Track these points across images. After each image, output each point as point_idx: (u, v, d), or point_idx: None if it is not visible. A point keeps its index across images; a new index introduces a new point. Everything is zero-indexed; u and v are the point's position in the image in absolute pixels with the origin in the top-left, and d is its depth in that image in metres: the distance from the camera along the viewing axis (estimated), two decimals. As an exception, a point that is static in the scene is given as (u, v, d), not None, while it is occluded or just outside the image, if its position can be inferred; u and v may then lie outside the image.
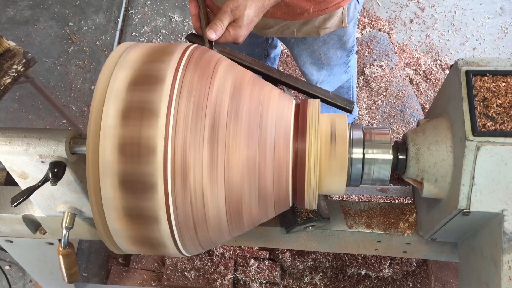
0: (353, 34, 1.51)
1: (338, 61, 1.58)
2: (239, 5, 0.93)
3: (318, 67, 1.57)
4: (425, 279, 1.91)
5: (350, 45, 1.54)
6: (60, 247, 0.95)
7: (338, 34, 1.43)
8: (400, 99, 2.39)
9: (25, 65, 1.82)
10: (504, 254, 0.74)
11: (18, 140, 0.81)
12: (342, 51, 1.54)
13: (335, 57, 1.54)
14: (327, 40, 1.45)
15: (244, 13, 0.94)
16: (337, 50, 1.51)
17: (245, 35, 0.97)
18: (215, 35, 0.92)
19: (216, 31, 0.92)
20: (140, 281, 1.94)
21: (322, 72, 1.60)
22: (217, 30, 0.92)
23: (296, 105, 0.81)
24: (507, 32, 2.63)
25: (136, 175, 0.69)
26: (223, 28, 0.93)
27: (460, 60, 0.82)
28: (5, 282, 1.98)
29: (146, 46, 0.79)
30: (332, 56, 1.53)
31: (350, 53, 1.60)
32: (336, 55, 1.53)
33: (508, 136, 0.74)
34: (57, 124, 2.46)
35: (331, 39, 1.45)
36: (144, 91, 0.70)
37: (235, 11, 0.93)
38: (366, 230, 1.02)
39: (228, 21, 0.94)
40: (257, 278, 1.88)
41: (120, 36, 2.77)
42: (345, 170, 0.78)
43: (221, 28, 0.93)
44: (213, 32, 0.92)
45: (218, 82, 0.74)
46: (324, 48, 1.48)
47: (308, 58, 1.53)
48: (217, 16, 0.93)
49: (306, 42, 1.46)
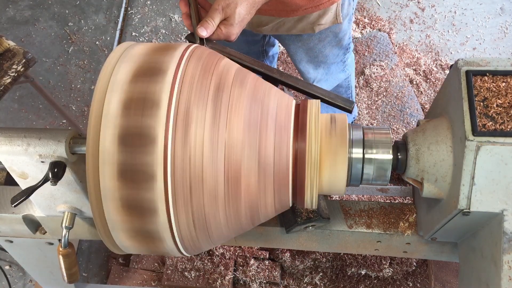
0: (349, 31, 1.52)
1: (335, 59, 1.58)
2: (229, 3, 0.93)
3: (315, 65, 1.57)
4: (425, 279, 1.91)
5: (346, 43, 1.55)
6: (60, 247, 0.95)
7: (334, 31, 1.44)
8: (400, 99, 2.39)
9: (25, 65, 1.82)
10: (504, 254, 0.74)
11: (18, 140, 0.81)
12: (339, 48, 1.54)
13: (332, 55, 1.55)
14: (323, 37, 1.46)
15: (235, 11, 0.94)
16: (333, 47, 1.52)
17: (237, 33, 0.98)
18: (206, 32, 0.93)
19: (207, 28, 0.93)
20: (140, 281, 1.94)
21: (319, 71, 1.60)
22: (208, 27, 0.93)
23: (296, 105, 0.81)
24: (507, 32, 2.63)
25: (136, 165, 0.69)
26: (214, 26, 0.93)
27: (460, 60, 0.82)
28: (5, 282, 1.98)
29: (149, 43, 0.81)
30: (329, 54, 1.54)
31: (347, 51, 1.61)
32: (333, 52, 1.54)
33: (508, 136, 0.74)
34: (57, 124, 2.46)
35: (327, 36, 1.46)
36: (146, 82, 0.71)
37: (226, 9, 0.94)
38: (366, 230, 1.02)
39: (219, 19, 0.94)
40: (257, 278, 1.88)
41: (120, 36, 2.77)
42: (345, 170, 0.78)
43: (212, 26, 0.93)
44: (204, 30, 0.93)
45: (223, 64, 0.76)
46: (320, 46, 1.49)
47: (304, 55, 1.53)
48: (208, 14, 0.94)
49: (302, 39, 1.46)
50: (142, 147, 0.68)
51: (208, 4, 1.03)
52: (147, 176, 0.69)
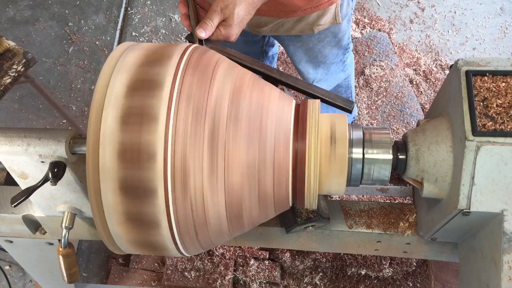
0: (348, 31, 1.52)
1: (334, 59, 1.58)
2: (228, 4, 0.93)
3: (314, 65, 1.57)
4: (425, 279, 1.91)
5: (345, 43, 1.55)
6: (60, 247, 0.95)
7: (333, 31, 1.44)
8: (400, 99, 2.39)
9: (25, 65, 1.82)
10: (504, 254, 0.74)
11: (18, 140, 0.81)
12: (338, 48, 1.54)
13: (331, 55, 1.55)
14: (322, 38, 1.46)
15: (233, 11, 0.94)
16: (333, 47, 1.52)
17: (237, 34, 0.97)
18: (204, 33, 0.93)
19: (206, 29, 0.92)
20: (140, 281, 1.94)
21: (319, 71, 1.60)
22: (206, 28, 0.93)
23: (296, 105, 0.81)
24: (507, 32, 2.63)
25: (136, 180, 0.69)
26: (213, 27, 0.93)
27: (460, 60, 0.82)
28: (5, 282, 1.98)
29: (144, 47, 0.79)
30: (328, 54, 1.54)
31: (346, 51, 1.61)
32: (332, 53, 1.54)
33: (508, 136, 0.74)
34: (57, 124, 2.46)
35: (326, 37, 1.46)
36: (143, 96, 0.70)
37: (224, 10, 0.94)
38: (366, 230, 1.02)
39: (218, 20, 0.94)
40: (257, 278, 1.88)
41: (120, 36, 2.77)
42: (345, 170, 0.78)
43: (211, 27, 0.93)
44: (203, 31, 0.92)
45: (218, 85, 0.74)
46: (320, 46, 1.49)
47: (304, 56, 1.53)
48: (207, 15, 0.93)
49: (301, 39, 1.46)
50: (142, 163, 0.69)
51: (208, 4, 1.03)
52: (148, 191, 0.70)
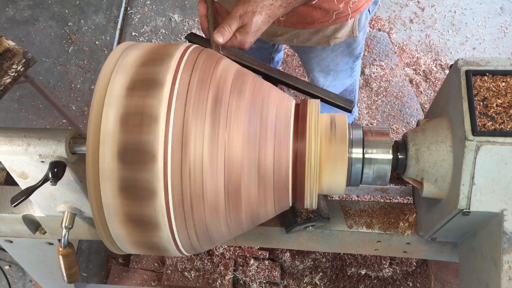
0: (362, 42, 1.50)
1: (344, 66, 1.56)
2: (248, 11, 0.93)
3: (325, 73, 1.56)
4: (425, 279, 1.91)
5: (357, 52, 1.53)
6: (60, 247, 0.95)
7: (347, 42, 1.42)
8: (400, 99, 2.39)
9: (25, 65, 1.82)
10: (504, 254, 0.74)
11: (18, 140, 0.81)
12: (349, 57, 1.53)
13: (342, 63, 1.53)
14: (336, 48, 1.44)
15: (252, 20, 0.93)
16: (345, 56, 1.50)
17: (251, 42, 0.97)
18: (222, 39, 0.92)
19: (223, 35, 0.92)
20: (140, 281, 1.94)
21: (329, 78, 1.59)
22: (224, 34, 0.92)
23: (296, 105, 0.81)
24: (507, 32, 2.63)
25: (136, 181, 0.69)
26: (230, 33, 0.93)
27: (460, 60, 0.82)
28: (5, 282, 1.99)
29: (144, 47, 0.78)
30: (339, 62, 1.52)
31: (357, 58, 1.58)
32: (343, 61, 1.52)
33: (508, 136, 0.74)
34: (57, 124, 2.46)
35: (340, 47, 1.44)
36: (143, 96, 0.70)
37: (243, 17, 0.93)
38: (366, 230, 1.02)
39: (236, 26, 0.93)
40: (257, 278, 1.88)
41: (120, 36, 2.77)
42: (345, 170, 0.77)
43: (228, 33, 0.92)
44: (221, 36, 0.92)
45: (218, 84, 0.74)
46: (333, 55, 1.47)
47: (316, 66, 1.52)
48: (226, 21, 0.93)
49: (315, 50, 1.44)
50: (143, 164, 0.68)
51: (225, 10, 1.03)
52: (148, 193, 0.69)
